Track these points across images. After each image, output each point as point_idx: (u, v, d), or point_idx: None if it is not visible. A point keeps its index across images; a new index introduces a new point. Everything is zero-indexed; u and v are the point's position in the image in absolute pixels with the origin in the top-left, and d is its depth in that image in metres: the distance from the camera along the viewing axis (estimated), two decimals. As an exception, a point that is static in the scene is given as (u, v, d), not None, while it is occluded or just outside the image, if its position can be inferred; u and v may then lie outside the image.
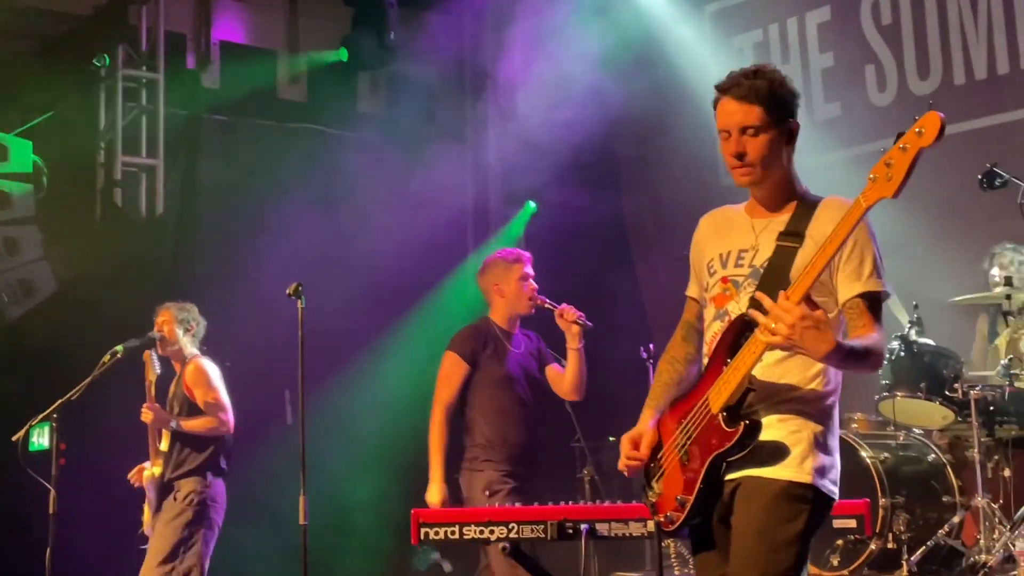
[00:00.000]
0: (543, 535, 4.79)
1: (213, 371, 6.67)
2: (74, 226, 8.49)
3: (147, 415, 6.45)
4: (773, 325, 3.08)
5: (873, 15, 8.59)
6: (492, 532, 4.80)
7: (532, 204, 10.30)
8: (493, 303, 6.09)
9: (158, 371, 6.63)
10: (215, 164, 9.07)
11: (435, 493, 5.64)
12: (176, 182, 8.95)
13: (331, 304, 7.68)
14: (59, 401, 5.82)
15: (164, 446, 6.54)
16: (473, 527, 4.83)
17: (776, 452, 3.33)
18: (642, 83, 9.53)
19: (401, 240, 9.02)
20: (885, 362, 6.87)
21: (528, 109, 10.14)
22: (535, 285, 6.09)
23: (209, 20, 9.50)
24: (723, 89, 3.46)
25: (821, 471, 3.35)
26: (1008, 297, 6.80)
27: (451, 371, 5.91)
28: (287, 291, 5.42)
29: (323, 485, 6.10)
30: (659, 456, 3.53)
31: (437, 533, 4.86)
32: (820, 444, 3.37)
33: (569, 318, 5.93)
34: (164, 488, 6.54)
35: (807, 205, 3.45)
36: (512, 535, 4.80)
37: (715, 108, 3.50)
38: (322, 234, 8.90)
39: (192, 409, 6.60)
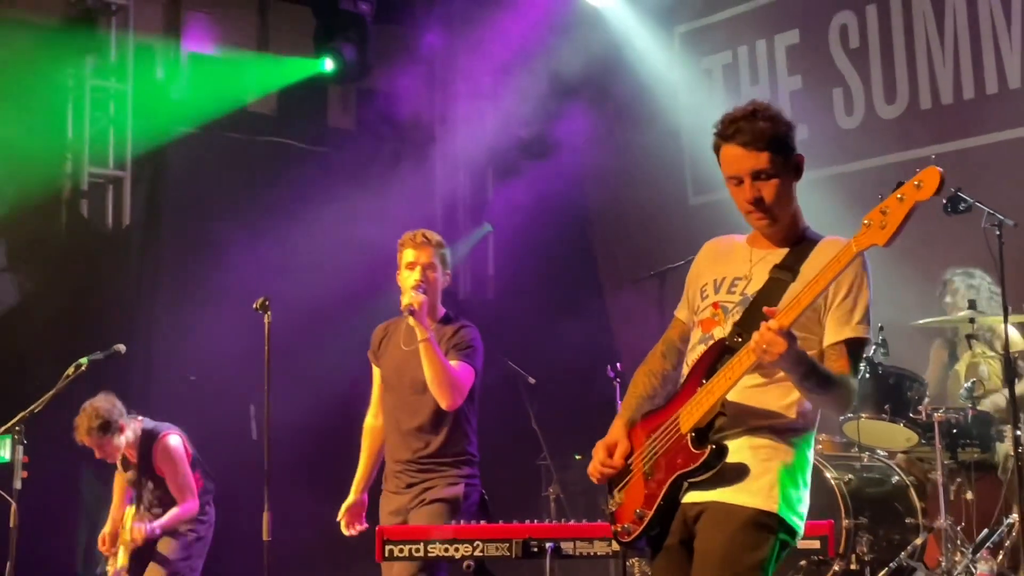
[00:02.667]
0: (508, 553, 4.78)
1: (180, 450, 6.70)
2: (39, 237, 8.43)
3: (139, 537, 6.51)
4: (767, 346, 3.10)
5: (841, 39, 8.66)
6: (457, 550, 4.79)
7: (489, 226, 10.31)
8: None
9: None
10: (182, 176, 9.03)
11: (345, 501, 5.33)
12: (143, 194, 8.91)
13: (298, 319, 7.66)
14: (22, 414, 5.77)
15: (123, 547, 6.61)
16: (438, 544, 4.82)
17: (745, 478, 3.33)
18: (611, 103, 9.58)
19: (369, 256, 9.00)
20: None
21: (496, 125, 10.17)
22: (418, 279, 5.11)
23: (179, 31, 9.46)
24: (725, 136, 3.42)
25: (788, 502, 3.36)
26: (972, 321, 6.86)
27: (373, 374, 5.43)
28: (254, 305, 5.39)
29: (287, 500, 6.06)
30: (626, 466, 3.54)
31: (401, 551, 4.84)
32: (790, 475, 3.38)
33: (403, 303, 5.03)
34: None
35: (807, 243, 3.46)
36: (477, 553, 4.79)
37: (717, 153, 3.47)
38: (289, 248, 8.88)
39: (161, 483, 6.67)
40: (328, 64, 9.55)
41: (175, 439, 6.68)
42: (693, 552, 3.39)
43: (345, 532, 5.34)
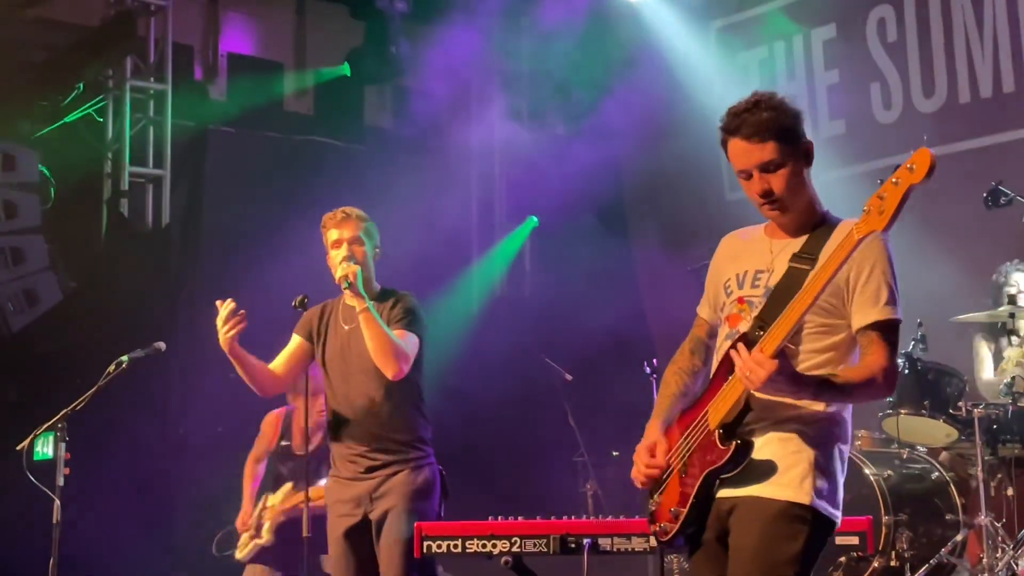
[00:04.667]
0: (545, 549, 4.79)
1: None
2: (80, 236, 8.51)
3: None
4: (748, 374, 3.13)
5: (879, 33, 8.61)
6: (495, 546, 4.80)
7: (535, 219, 10.32)
8: None
9: None
10: (221, 175, 9.09)
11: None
12: (182, 193, 8.98)
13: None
14: (64, 411, 5.82)
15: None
16: (476, 540, 4.83)
17: (775, 472, 3.32)
18: (647, 99, 9.57)
19: (405, 253, 9.03)
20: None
21: (533, 123, 10.18)
22: (345, 257, 5.00)
23: (217, 32, 9.54)
24: (729, 130, 3.38)
25: (820, 493, 3.33)
26: (1012, 316, 6.81)
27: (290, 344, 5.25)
28: (293, 303, 5.42)
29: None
30: (667, 465, 3.54)
31: (440, 547, 4.85)
32: (820, 466, 3.35)
33: (337, 276, 4.95)
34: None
35: (826, 227, 3.42)
36: (515, 549, 4.80)
37: (724, 148, 3.43)
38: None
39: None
40: (362, 64, 9.62)
41: None
42: (729, 547, 3.39)
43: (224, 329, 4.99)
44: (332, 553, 5.07)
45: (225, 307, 4.95)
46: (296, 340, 5.26)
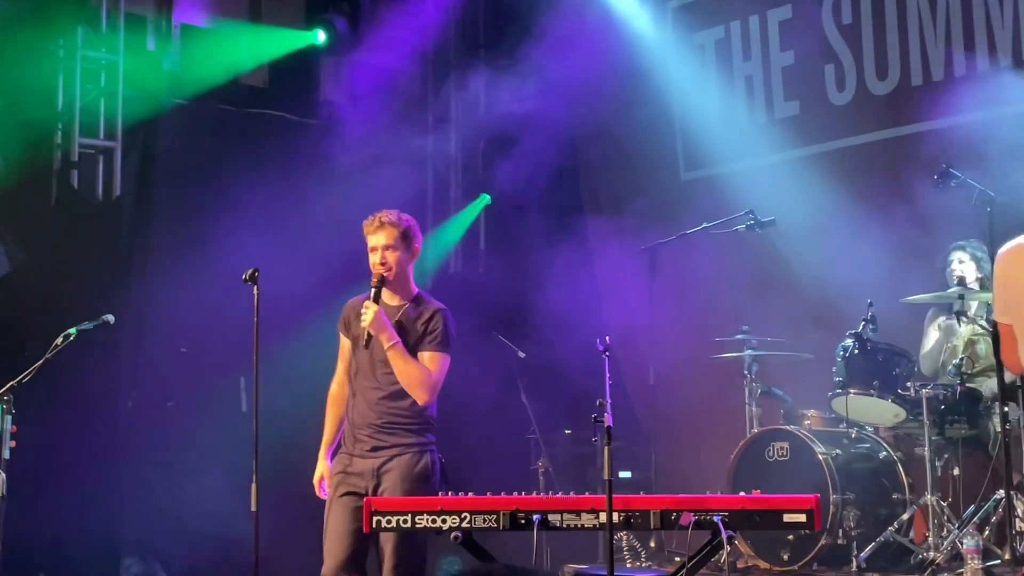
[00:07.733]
0: (495, 525, 4.80)
1: None
2: (29, 207, 8.39)
3: None
4: None
5: (834, 14, 8.64)
6: (444, 521, 4.82)
7: (487, 196, 10.33)
8: None
9: None
10: (173, 148, 8.99)
11: (317, 470, 5.42)
12: (134, 165, 8.87)
13: (289, 290, 7.65)
14: (10, 383, 5.76)
15: None
16: (425, 516, 4.84)
17: None
18: (603, 78, 9.56)
19: (360, 228, 9.00)
20: (839, 359, 6.95)
21: (489, 100, 10.15)
22: (377, 262, 5.36)
23: (171, 2, 9.41)
24: None
25: None
26: (961, 297, 6.87)
27: (341, 345, 5.54)
28: (243, 277, 5.39)
29: (277, 471, 6.07)
30: None
31: (389, 522, 4.87)
32: None
33: (362, 324, 5.26)
34: None
35: None
36: (464, 525, 4.81)
37: None
38: (280, 220, 8.86)
39: None
40: (320, 36, 9.56)
41: None
42: None
43: (319, 495, 5.42)
44: (329, 519, 5.20)
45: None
46: (345, 344, 5.51)
